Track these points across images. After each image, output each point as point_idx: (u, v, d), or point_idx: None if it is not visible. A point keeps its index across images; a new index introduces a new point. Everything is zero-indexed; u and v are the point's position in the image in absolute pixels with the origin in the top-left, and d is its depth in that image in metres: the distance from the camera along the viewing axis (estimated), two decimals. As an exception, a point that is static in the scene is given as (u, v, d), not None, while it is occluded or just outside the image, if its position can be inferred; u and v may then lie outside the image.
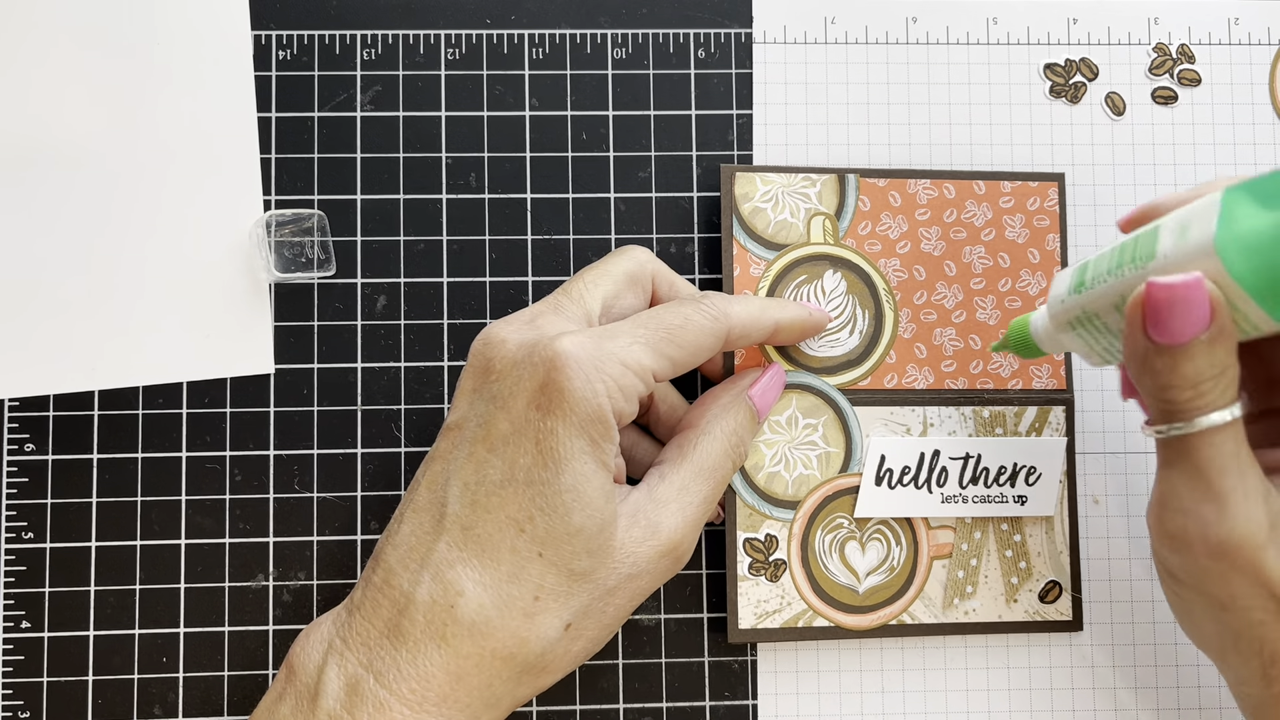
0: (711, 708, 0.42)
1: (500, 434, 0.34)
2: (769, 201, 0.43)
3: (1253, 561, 0.32)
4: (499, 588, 0.33)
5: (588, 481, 0.33)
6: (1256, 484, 0.32)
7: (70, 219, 0.43)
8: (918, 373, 0.43)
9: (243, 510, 0.43)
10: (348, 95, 0.44)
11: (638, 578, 0.35)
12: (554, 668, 0.35)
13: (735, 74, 0.45)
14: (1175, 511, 0.33)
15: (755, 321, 0.38)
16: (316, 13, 0.44)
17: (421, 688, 0.32)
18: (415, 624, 0.33)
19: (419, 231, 0.44)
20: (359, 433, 0.43)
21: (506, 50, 0.44)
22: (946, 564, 0.42)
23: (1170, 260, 0.30)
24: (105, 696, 0.42)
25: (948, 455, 0.43)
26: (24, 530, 0.42)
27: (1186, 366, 0.31)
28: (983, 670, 0.43)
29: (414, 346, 0.43)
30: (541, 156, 0.44)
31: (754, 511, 0.42)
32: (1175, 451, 0.32)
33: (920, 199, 0.43)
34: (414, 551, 0.34)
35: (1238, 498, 0.32)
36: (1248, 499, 0.32)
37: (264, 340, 0.43)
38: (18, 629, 0.42)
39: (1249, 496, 0.32)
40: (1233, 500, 0.32)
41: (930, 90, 0.45)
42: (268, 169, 0.44)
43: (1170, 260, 0.30)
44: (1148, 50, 0.45)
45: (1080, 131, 0.45)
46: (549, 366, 0.33)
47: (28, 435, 0.42)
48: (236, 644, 0.42)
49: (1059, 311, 0.35)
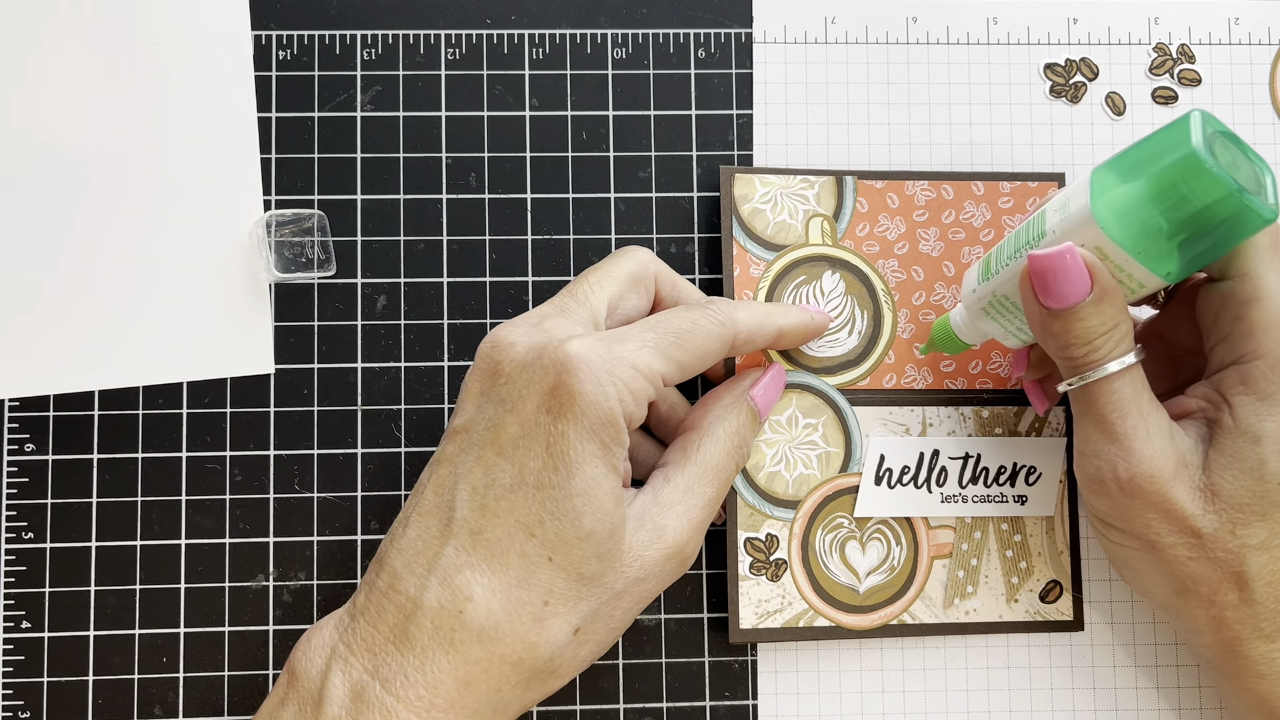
0: (711, 708, 0.43)
1: (510, 437, 0.34)
2: (768, 203, 0.43)
3: (1162, 494, 0.35)
4: (508, 593, 0.33)
5: (598, 485, 0.33)
6: (1159, 423, 0.36)
7: (70, 219, 0.43)
8: (916, 373, 0.43)
9: (243, 510, 0.43)
10: (348, 95, 0.44)
11: (645, 581, 0.35)
12: (562, 672, 0.35)
13: (735, 74, 0.45)
14: (1089, 456, 0.37)
15: (760, 327, 0.38)
16: (316, 13, 0.44)
17: (429, 694, 0.32)
18: (423, 629, 0.33)
19: (419, 231, 0.44)
20: (359, 433, 0.43)
21: (506, 50, 0.44)
22: (947, 564, 0.42)
23: (1058, 234, 0.35)
24: (105, 696, 0.42)
25: (947, 455, 0.43)
26: (24, 530, 0.42)
27: (1078, 326, 0.35)
28: (983, 670, 0.43)
29: (414, 346, 0.43)
30: (541, 156, 0.44)
31: (755, 511, 0.42)
32: (1083, 402, 0.36)
33: (918, 200, 0.43)
34: (420, 555, 0.34)
35: (1140, 435, 0.35)
36: (1150, 437, 0.35)
37: (264, 340, 0.43)
38: (18, 629, 0.42)
39: (1151, 435, 0.35)
40: (1136, 438, 0.35)
41: (930, 90, 0.45)
42: (268, 169, 0.44)
43: (1058, 234, 0.35)
44: (1148, 50, 0.45)
45: (1080, 131, 0.45)
46: (559, 369, 0.33)
47: (28, 435, 0.42)
48: (237, 644, 0.42)
49: (972, 301, 0.39)
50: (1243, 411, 0.35)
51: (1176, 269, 0.34)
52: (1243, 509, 0.35)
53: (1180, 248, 0.33)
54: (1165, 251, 0.33)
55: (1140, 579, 0.38)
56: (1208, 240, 0.33)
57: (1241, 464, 0.35)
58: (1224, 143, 0.33)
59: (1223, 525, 0.35)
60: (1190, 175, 0.32)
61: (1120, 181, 0.33)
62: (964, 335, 0.40)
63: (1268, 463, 0.35)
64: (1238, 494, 0.35)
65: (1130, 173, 0.33)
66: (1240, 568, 0.36)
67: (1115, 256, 0.34)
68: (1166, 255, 0.33)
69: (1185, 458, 0.36)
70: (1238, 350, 0.36)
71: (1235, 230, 0.33)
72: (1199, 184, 0.31)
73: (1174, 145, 0.32)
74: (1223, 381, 0.36)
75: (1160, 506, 0.35)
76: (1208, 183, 0.31)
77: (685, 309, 0.37)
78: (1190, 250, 0.33)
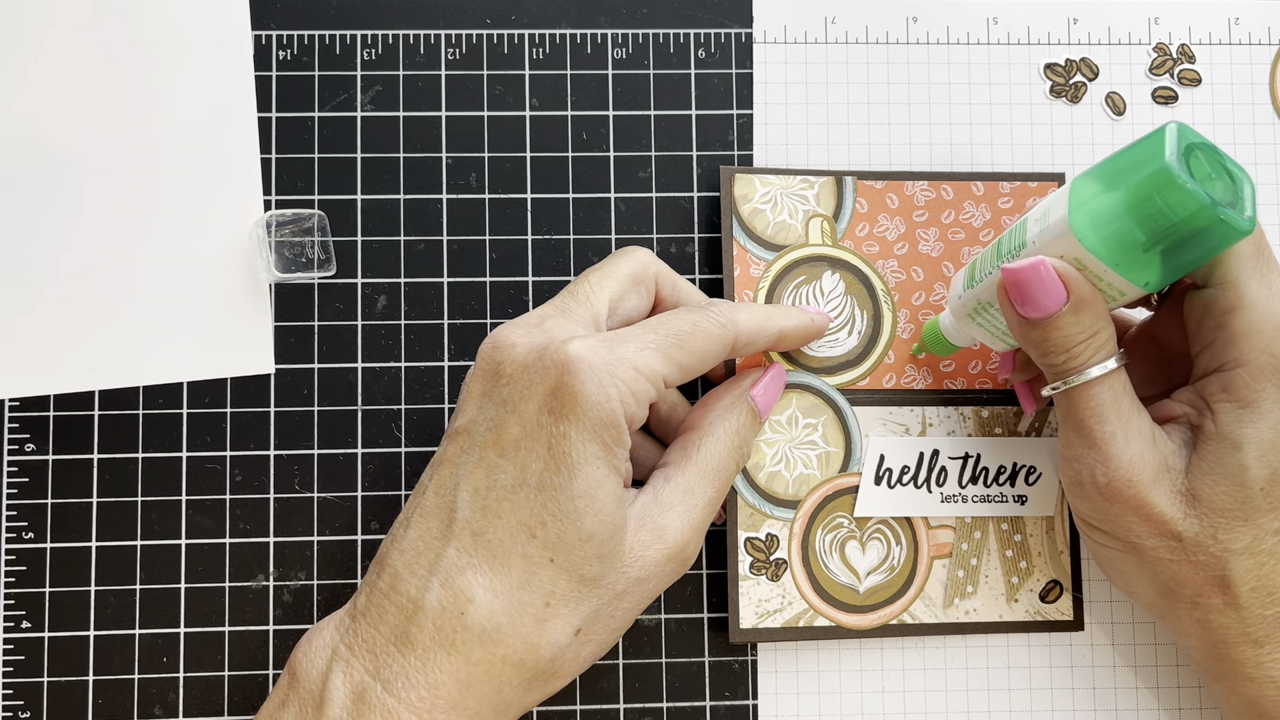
0: (711, 708, 0.43)
1: (511, 438, 0.34)
2: (768, 203, 0.43)
3: (1140, 499, 0.36)
4: (510, 594, 0.33)
5: (600, 486, 0.33)
6: (1140, 428, 0.36)
7: (70, 219, 0.43)
8: (916, 373, 0.43)
9: (243, 510, 0.43)
10: (348, 95, 0.44)
11: (645, 581, 0.35)
12: (563, 673, 0.35)
13: (735, 74, 0.45)
14: (1071, 460, 0.37)
15: (760, 329, 0.38)
16: (316, 13, 0.44)
17: (431, 695, 0.32)
18: (424, 631, 0.33)
19: (419, 231, 0.44)
20: (359, 433, 0.43)
21: (506, 50, 0.44)
22: (947, 564, 0.42)
23: (1037, 245, 0.35)
24: (105, 696, 0.42)
25: (947, 455, 0.43)
26: (24, 530, 0.42)
27: (1056, 335, 0.35)
28: (983, 670, 0.43)
29: (414, 346, 0.43)
30: (541, 156, 0.44)
31: (755, 511, 0.42)
32: (1064, 407, 0.37)
33: (918, 200, 0.43)
34: (422, 557, 0.34)
35: (1118, 440, 0.36)
36: (1129, 442, 0.36)
37: (264, 340, 0.43)
38: (18, 629, 0.42)
39: (1130, 440, 0.36)
40: (1114, 443, 0.36)
41: (930, 90, 0.45)
42: (268, 169, 0.43)
43: (1037, 245, 0.35)
44: (1148, 50, 0.45)
45: (1080, 131, 0.45)
46: (561, 370, 0.33)
47: (28, 435, 0.42)
48: (237, 644, 0.42)
49: (958, 307, 0.39)
50: (1224, 418, 0.36)
51: (1156, 278, 0.34)
52: (1224, 514, 0.35)
53: (1160, 257, 0.33)
54: (1144, 262, 0.33)
55: (1126, 580, 0.39)
56: (1187, 251, 0.33)
57: (1222, 470, 0.35)
58: (1200, 155, 0.33)
59: (1204, 530, 0.36)
60: (1164, 189, 0.32)
61: (1098, 193, 0.33)
62: (952, 338, 0.41)
63: (1249, 469, 0.35)
64: (1219, 499, 0.35)
65: (1107, 184, 0.33)
66: (1223, 571, 0.36)
67: (1094, 267, 0.34)
68: (1145, 265, 0.33)
69: (1168, 462, 0.36)
70: (1220, 357, 0.36)
71: (1213, 242, 0.33)
72: (1173, 198, 0.32)
73: (1148, 159, 0.32)
74: (1205, 388, 0.37)
75: (1139, 511, 0.36)
76: (1182, 197, 0.32)
77: (687, 310, 0.37)
78: (1170, 260, 0.33)
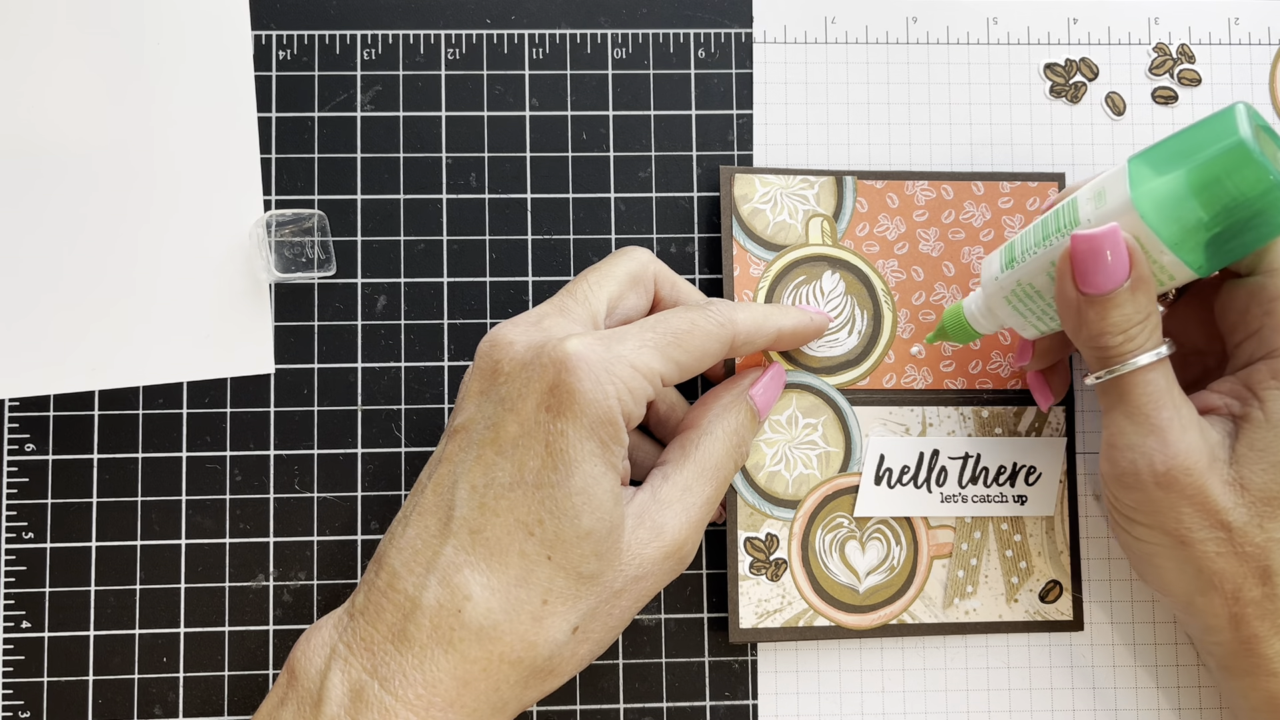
0: (711, 708, 0.43)
1: (509, 436, 0.34)
2: (768, 203, 0.43)
3: (1198, 488, 0.35)
4: (507, 591, 0.33)
5: (597, 484, 0.33)
6: (1191, 417, 0.35)
7: (70, 219, 0.43)
8: (916, 373, 0.43)
9: (243, 510, 0.43)
10: (348, 95, 0.44)
11: (643, 579, 0.35)
12: (561, 671, 0.35)
13: (735, 74, 0.45)
14: (1123, 449, 0.36)
15: (759, 328, 0.38)
16: (316, 13, 0.44)
17: (428, 693, 0.32)
18: (421, 628, 0.33)
19: (419, 231, 0.44)
20: (359, 433, 0.43)
21: (506, 50, 0.44)
22: (947, 563, 0.42)
23: (1094, 223, 0.34)
24: (105, 696, 0.42)
25: (947, 455, 0.43)
26: (24, 530, 0.42)
27: (1114, 314, 0.34)
28: (983, 670, 0.43)
29: (414, 346, 0.43)
30: (541, 156, 0.44)
31: (755, 510, 0.42)
32: (1115, 394, 0.36)
33: (918, 200, 0.43)
34: (419, 555, 0.34)
35: (1176, 428, 0.35)
36: (1185, 430, 0.35)
37: (264, 340, 0.43)
38: (18, 629, 0.42)
39: (1186, 427, 0.35)
40: (1172, 430, 0.35)
41: (930, 90, 0.45)
42: (268, 169, 0.44)
43: (1094, 223, 0.34)
44: (1148, 50, 0.45)
45: (1080, 131, 0.45)
46: (559, 368, 0.33)
47: (28, 435, 0.42)
48: (237, 644, 0.42)
49: (994, 289, 0.38)
50: (1274, 405, 0.35)
51: (1207, 262, 0.34)
52: (1270, 502, 0.35)
53: (1213, 240, 0.33)
54: (1200, 243, 0.33)
55: (1161, 576, 0.38)
56: (1243, 234, 0.33)
57: (1271, 457, 0.35)
58: (1265, 137, 0.33)
59: (1251, 519, 0.35)
60: (1237, 166, 0.32)
61: (1160, 172, 0.33)
62: (978, 324, 0.40)
63: None
64: (1267, 487, 0.35)
65: (1170, 163, 0.33)
66: (1266, 561, 0.35)
67: (1151, 248, 0.34)
68: (1200, 247, 0.33)
69: (1215, 451, 0.36)
70: (1268, 344, 0.36)
71: (1272, 225, 0.33)
72: (1245, 175, 0.32)
73: (1220, 136, 0.32)
74: (1251, 376, 0.36)
75: (1195, 499, 0.35)
76: (1254, 174, 0.31)
77: (685, 309, 0.37)
78: (1223, 244, 0.33)
